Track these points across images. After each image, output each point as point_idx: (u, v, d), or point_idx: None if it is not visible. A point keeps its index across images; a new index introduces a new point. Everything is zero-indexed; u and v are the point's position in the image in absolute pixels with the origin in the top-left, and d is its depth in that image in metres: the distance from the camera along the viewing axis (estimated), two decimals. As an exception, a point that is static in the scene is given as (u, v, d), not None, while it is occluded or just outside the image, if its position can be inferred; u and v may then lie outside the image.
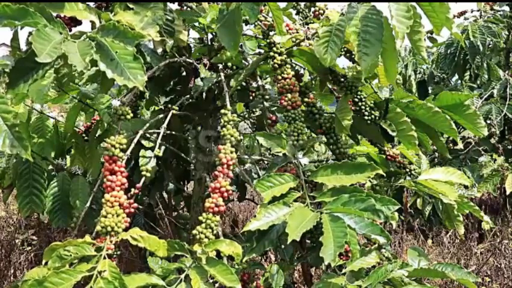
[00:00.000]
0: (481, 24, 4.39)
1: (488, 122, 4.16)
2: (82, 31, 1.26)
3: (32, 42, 1.08)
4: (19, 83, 1.17)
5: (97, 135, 2.16)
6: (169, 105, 1.85)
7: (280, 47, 1.68)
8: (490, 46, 4.51)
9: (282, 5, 1.87)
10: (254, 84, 2.00)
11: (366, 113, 1.74)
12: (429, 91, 5.11)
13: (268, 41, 1.72)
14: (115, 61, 1.17)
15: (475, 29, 4.30)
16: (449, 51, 4.61)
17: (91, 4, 1.58)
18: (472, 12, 4.81)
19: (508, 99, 4.21)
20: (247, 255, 1.42)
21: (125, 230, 1.35)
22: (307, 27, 1.75)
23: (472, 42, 4.30)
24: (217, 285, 1.36)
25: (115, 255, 1.33)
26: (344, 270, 1.39)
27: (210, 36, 1.99)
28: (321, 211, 1.35)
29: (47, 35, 1.12)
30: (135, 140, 1.59)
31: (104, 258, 1.25)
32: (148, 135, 1.89)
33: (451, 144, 4.58)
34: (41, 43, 1.10)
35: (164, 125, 1.70)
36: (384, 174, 1.66)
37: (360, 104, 1.74)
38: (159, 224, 2.48)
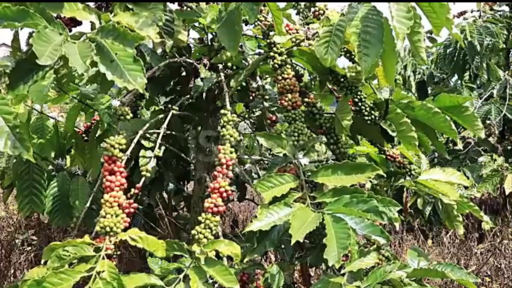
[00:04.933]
0: (479, 24, 4.39)
1: (488, 122, 4.16)
2: (82, 32, 1.26)
3: (33, 45, 1.08)
4: (19, 84, 1.17)
5: (97, 135, 2.16)
6: (169, 106, 1.85)
7: (280, 47, 1.68)
8: (490, 46, 4.51)
9: (282, 5, 1.87)
10: (254, 85, 2.00)
11: (366, 113, 1.74)
12: (429, 91, 5.11)
13: (268, 41, 1.72)
14: (115, 63, 1.16)
15: (472, 29, 4.30)
16: (448, 51, 4.61)
17: (91, 4, 1.58)
18: (471, 12, 4.80)
19: (507, 99, 4.21)
20: (249, 256, 1.41)
21: (125, 230, 1.35)
22: (308, 28, 1.76)
23: (470, 42, 4.30)
24: (216, 285, 1.36)
25: (114, 256, 1.33)
26: (343, 271, 1.39)
27: (210, 36, 1.99)
28: (323, 212, 1.35)
29: (47, 37, 1.12)
30: (135, 140, 1.59)
31: (103, 258, 1.25)
32: (148, 135, 1.89)
33: (450, 145, 4.58)
34: (41, 45, 1.10)
35: (164, 125, 1.70)
36: (385, 175, 1.66)
37: (360, 104, 1.74)
38: (159, 224, 2.48)
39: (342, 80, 1.76)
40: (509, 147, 4.56)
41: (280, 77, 1.64)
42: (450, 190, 1.75)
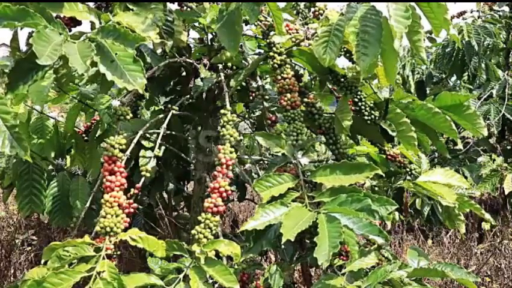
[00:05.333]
0: (478, 24, 4.39)
1: (487, 122, 4.15)
2: (82, 31, 1.26)
3: (33, 44, 1.08)
4: (19, 84, 1.17)
5: (97, 135, 2.16)
6: (169, 106, 1.85)
7: (280, 47, 1.68)
8: (489, 46, 4.51)
9: (282, 5, 1.87)
10: (254, 84, 2.01)
11: (366, 113, 1.74)
12: (428, 91, 5.11)
13: (268, 41, 1.72)
14: (115, 63, 1.17)
15: (470, 29, 4.30)
16: (446, 51, 4.62)
17: (91, 4, 1.58)
18: (471, 12, 4.80)
19: (506, 99, 4.21)
20: (244, 255, 1.42)
21: (125, 230, 1.35)
22: (307, 27, 1.76)
23: (468, 43, 4.30)
24: (216, 285, 1.37)
25: (114, 256, 1.33)
26: (343, 271, 1.39)
27: (210, 36, 1.99)
28: (319, 211, 1.35)
29: (47, 37, 1.12)
30: (135, 140, 1.59)
31: (103, 258, 1.25)
32: (148, 135, 1.89)
33: (450, 145, 4.58)
34: (41, 45, 1.10)
35: (164, 125, 1.70)
36: (384, 175, 1.66)
37: (360, 104, 1.75)
38: (159, 224, 2.48)
39: (342, 79, 1.76)
40: (508, 147, 4.56)
41: (279, 77, 1.64)
42: (448, 192, 1.74)
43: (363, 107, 1.74)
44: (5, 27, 1.13)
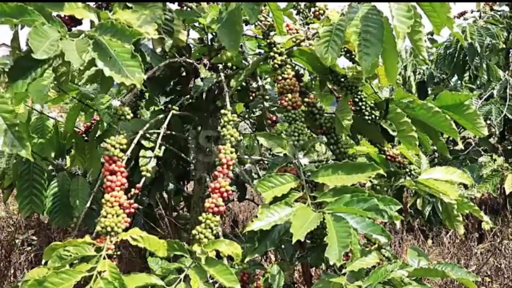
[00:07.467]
0: (480, 25, 4.39)
1: (488, 122, 4.16)
2: (81, 30, 1.26)
3: (29, 39, 1.08)
4: (18, 81, 1.17)
5: (97, 135, 2.16)
6: (169, 106, 1.85)
7: (281, 47, 1.68)
8: (490, 46, 4.51)
9: (282, 5, 1.87)
10: (254, 85, 2.00)
11: (367, 113, 1.74)
12: (429, 92, 5.11)
13: (268, 41, 1.72)
14: (113, 59, 1.17)
15: (472, 31, 4.30)
16: (448, 52, 4.61)
17: (91, 4, 1.58)
18: (471, 12, 4.80)
19: (507, 99, 4.21)
20: (249, 256, 1.41)
21: (126, 230, 1.35)
22: (308, 28, 1.76)
23: (470, 43, 4.30)
24: (217, 285, 1.36)
25: (115, 256, 1.33)
26: (344, 271, 1.39)
27: (210, 36, 1.99)
28: (324, 211, 1.35)
29: (44, 33, 1.13)
30: (135, 140, 1.59)
31: (104, 258, 1.25)
32: (148, 135, 1.89)
33: (451, 145, 4.58)
34: (38, 40, 1.10)
35: (164, 125, 1.70)
36: (385, 174, 1.66)
37: (360, 104, 1.74)
38: (159, 224, 2.48)
39: (342, 79, 1.76)
40: (509, 147, 4.56)
41: (280, 77, 1.64)
42: (450, 189, 1.75)
43: (363, 107, 1.74)
44: (3, 24, 1.13)
